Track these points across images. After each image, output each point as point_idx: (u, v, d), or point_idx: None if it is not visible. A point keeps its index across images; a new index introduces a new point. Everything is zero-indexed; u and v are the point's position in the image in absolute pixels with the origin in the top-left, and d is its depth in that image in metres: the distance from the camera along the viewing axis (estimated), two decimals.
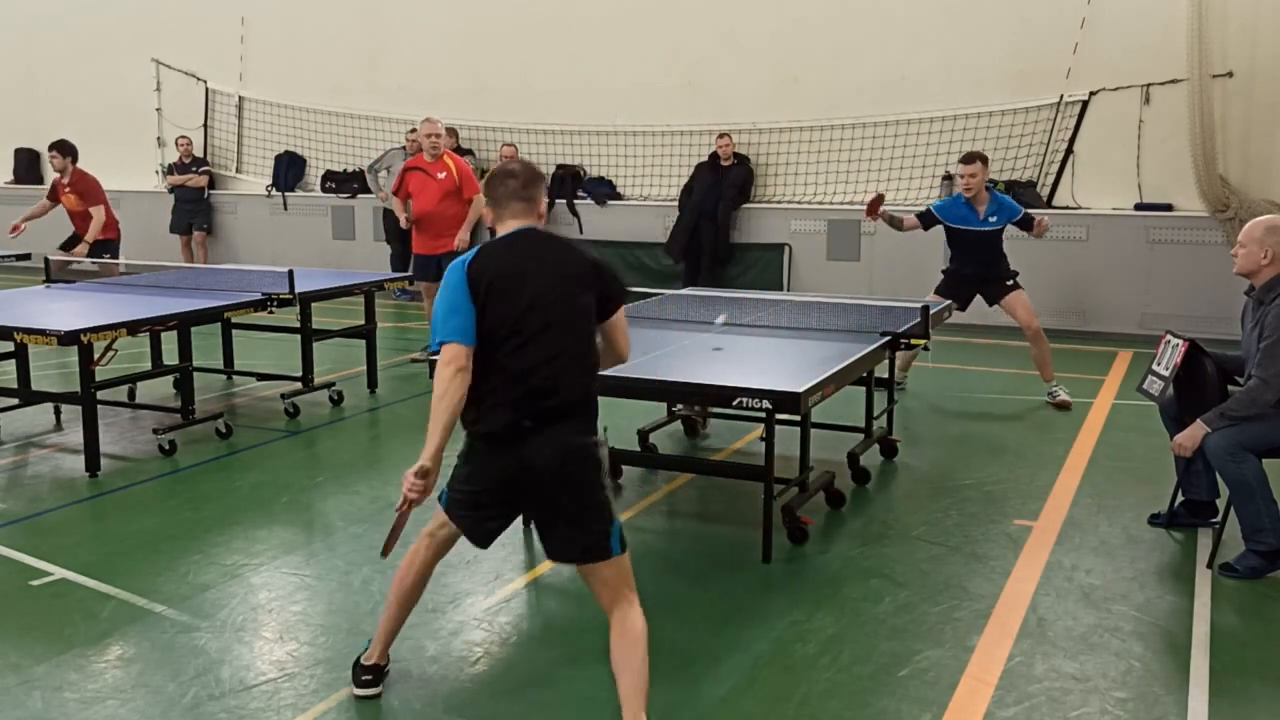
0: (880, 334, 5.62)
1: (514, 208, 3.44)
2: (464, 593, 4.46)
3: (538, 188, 3.49)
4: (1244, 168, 10.17)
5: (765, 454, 4.81)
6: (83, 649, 3.95)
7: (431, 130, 8.74)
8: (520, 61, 12.93)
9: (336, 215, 13.90)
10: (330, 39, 13.86)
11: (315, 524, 5.37)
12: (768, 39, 11.87)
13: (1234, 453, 4.57)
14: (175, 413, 6.75)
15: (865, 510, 5.54)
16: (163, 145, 15.03)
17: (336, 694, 3.63)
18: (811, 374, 4.64)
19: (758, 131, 11.99)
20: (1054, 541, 5.03)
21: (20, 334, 5.89)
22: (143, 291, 7.40)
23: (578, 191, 12.77)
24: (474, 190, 8.64)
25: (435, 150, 8.70)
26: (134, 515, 5.46)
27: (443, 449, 3.29)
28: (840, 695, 3.63)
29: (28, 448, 6.63)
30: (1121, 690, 3.67)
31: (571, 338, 3.32)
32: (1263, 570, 4.59)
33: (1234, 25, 10.07)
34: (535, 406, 3.26)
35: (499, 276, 3.30)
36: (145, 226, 14.10)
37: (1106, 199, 10.74)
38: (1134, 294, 10.51)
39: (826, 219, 11.63)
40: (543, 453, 3.25)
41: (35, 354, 7.43)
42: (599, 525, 3.29)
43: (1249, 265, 4.72)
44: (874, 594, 4.45)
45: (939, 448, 6.63)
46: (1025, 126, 10.96)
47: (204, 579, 4.59)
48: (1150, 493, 5.59)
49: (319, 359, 7.81)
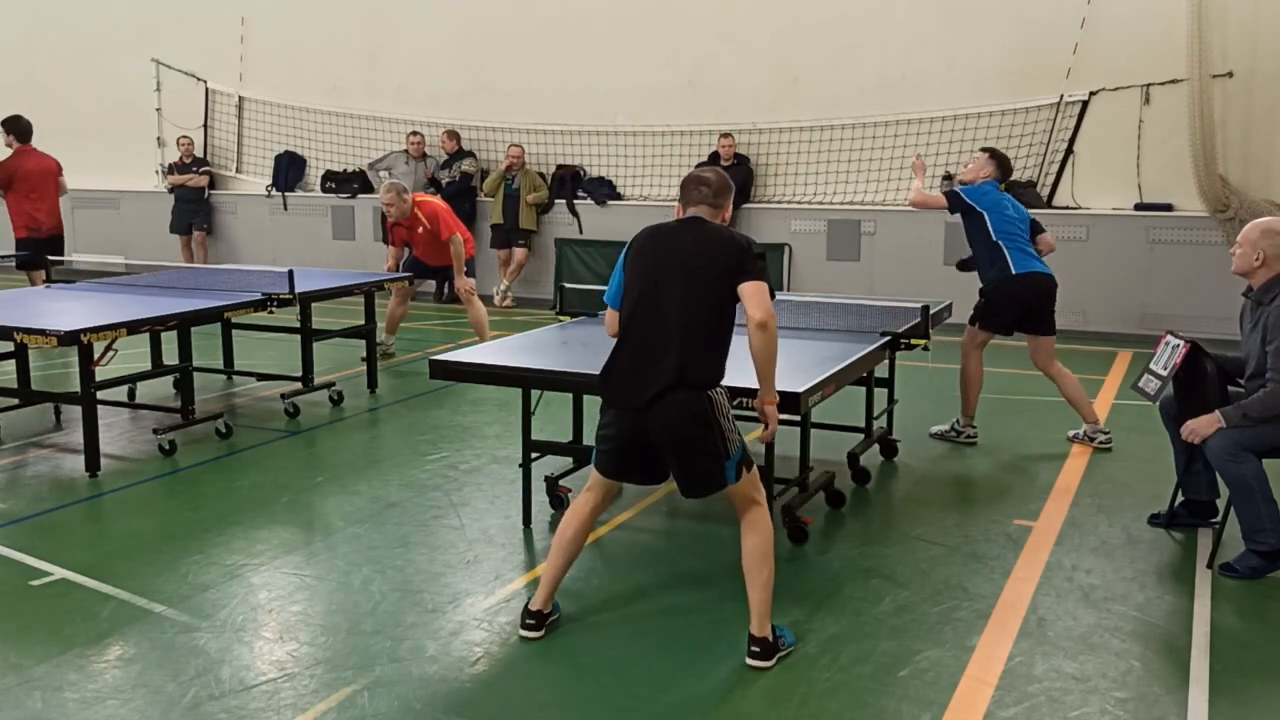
0: (880, 334, 5.62)
1: (700, 209, 3.93)
2: (464, 593, 4.46)
3: (726, 197, 3.96)
4: (1244, 168, 10.17)
5: (765, 454, 4.81)
6: (83, 649, 3.95)
7: (384, 200, 8.92)
8: (520, 61, 12.93)
9: (336, 215, 13.90)
10: (330, 39, 13.86)
11: (315, 524, 5.37)
12: (768, 39, 11.87)
13: (1234, 453, 4.57)
14: (175, 413, 6.75)
15: (865, 510, 5.54)
16: (163, 145, 15.03)
17: (336, 694, 3.63)
18: (811, 374, 4.64)
19: (758, 131, 12.00)
20: (1054, 541, 5.03)
21: (20, 334, 5.89)
22: (143, 291, 7.40)
23: (578, 191, 12.77)
24: (449, 232, 8.89)
25: (400, 213, 8.87)
26: (134, 515, 5.47)
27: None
28: (840, 695, 3.63)
29: (28, 448, 6.63)
30: (1121, 690, 3.67)
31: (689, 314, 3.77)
32: (1263, 570, 4.59)
33: (1234, 25, 10.08)
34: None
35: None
36: (145, 226, 14.13)
37: (1106, 199, 10.75)
38: (1134, 294, 10.51)
39: (826, 219, 11.64)
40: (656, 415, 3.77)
41: (35, 354, 7.43)
42: (713, 464, 3.78)
43: (1243, 266, 4.75)
44: (874, 594, 4.46)
45: (939, 448, 6.63)
46: (1025, 126, 10.96)
47: (204, 579, 4.59)
48: (1150, 493, 5.59)
49: (319, 359, 7.81)
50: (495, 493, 5.72)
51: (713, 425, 3.75)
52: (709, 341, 3.78)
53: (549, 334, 5.86)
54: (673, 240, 3.89)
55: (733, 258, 3.77)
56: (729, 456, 3.79)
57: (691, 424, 3.74)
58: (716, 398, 3.78)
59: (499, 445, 6.60)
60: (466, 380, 5.26)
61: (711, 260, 3.78)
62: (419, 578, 4.61)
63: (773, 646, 3.83)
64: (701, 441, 3.76)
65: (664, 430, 3.78)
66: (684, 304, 3.76)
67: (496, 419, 7.20)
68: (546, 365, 5.03)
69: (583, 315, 6.16)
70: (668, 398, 3.73)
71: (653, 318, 3.80)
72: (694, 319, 3.76)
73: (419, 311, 11.33)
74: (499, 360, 5.06)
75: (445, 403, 7.69)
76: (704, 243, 3.83)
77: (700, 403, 3.74)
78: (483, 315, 9.05)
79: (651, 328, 3.80)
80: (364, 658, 3.88)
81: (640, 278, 3.87)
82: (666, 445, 3.82)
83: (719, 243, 3.82)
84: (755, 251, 3.80)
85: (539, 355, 5.31)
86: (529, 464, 5.27)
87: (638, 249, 3.95)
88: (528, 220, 12.60)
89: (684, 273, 3.78)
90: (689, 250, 3.82)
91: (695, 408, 3.74)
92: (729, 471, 3.80)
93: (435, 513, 5.43)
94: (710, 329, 3.79)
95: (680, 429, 3.76)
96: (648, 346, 3.79)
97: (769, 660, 3.81)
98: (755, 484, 3.92)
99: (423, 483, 5.91)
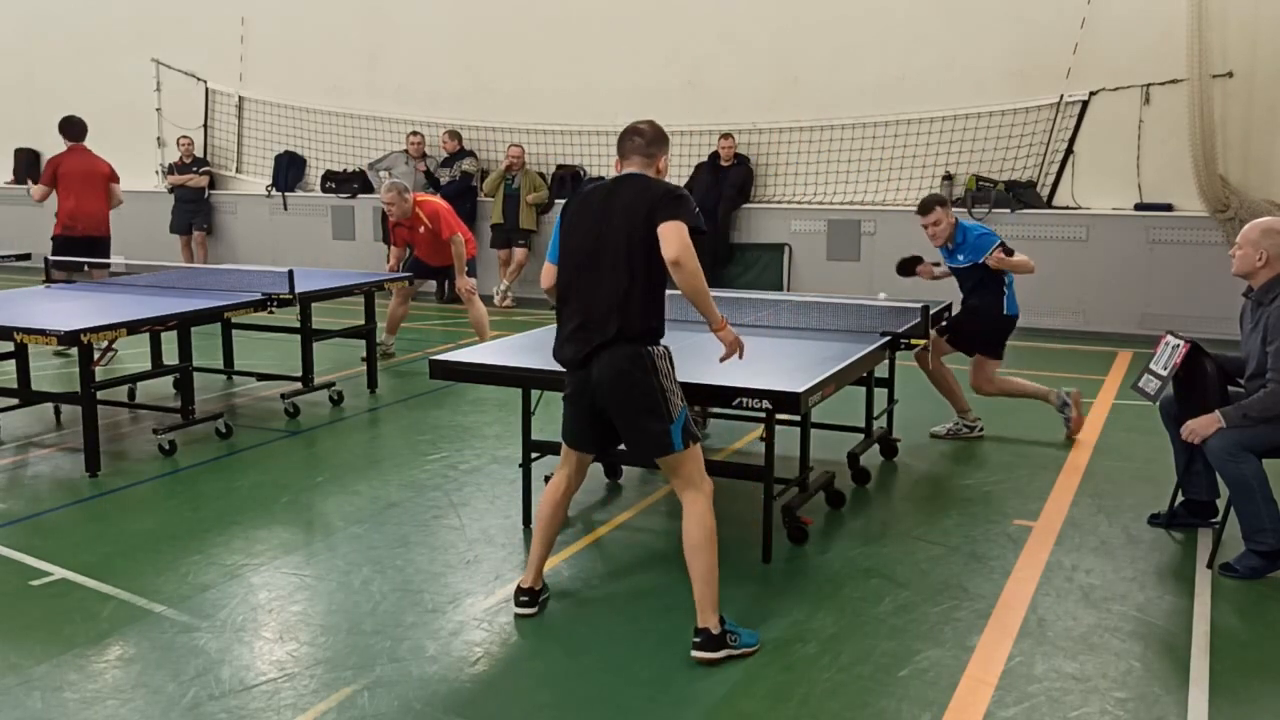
0: (880, 334, 5.62)
1: (633, 159, 3.98)
2: (464, 593, 4.46)
3: (660, 146, 4.01)
4: (1244, 168, 10.18)
5: (765, 454, 4.82)
6: (83, 649, 3.95)
7: (385, 200, 8.95)
8: (520, 61, 12.93)
9: (336, 215, 13.90)
10: (330, 39, 13.86)
11: (315, 524, 5.37)
12: (768, 39, 11.88)
13: (1234, 453, 4.57)
14: (175, 413, 6.75)
15: (865, 510, 5.54)
16: (163, 145, 15.04)
17: (336, 694, 3.63)
18: (811, 374, 4.64)
19: (758, 131, 12.00)
20: (1054, 541, 5.03)
21: (20, 334, 5.89)
22: (143, 291, 7.40)
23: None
24: (450, 232, 8.90)
25: (401, 213, 8.88)
26: (134, 515, 5.47)
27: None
28: (840, 695, 3.63)
29: (28, 448, 6.63)
30: (1121, 690, 3.67)
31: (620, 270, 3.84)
32: (1263, 570, 4.59)
33: (1234, 25, 10.08)
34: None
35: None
36: (145, 226, 14.11)
37: (1106, 199, 10.75)
38: (1134, 294, 10.51)
39: (826, 219, 11.64)
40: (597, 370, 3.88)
41: (35, 354, 7.43)
42: (656, 423, 3.82)
43: (1245, 267, 4.73)
44: (874, 594, 4.46)
45: (939, 448, 6.63)
46: (1025, 126, 10.97)
47: (204, 579, 4.59)
48: (1150, 493, 5.59)
49: (319, 359, 7.82)
50: (495, 493, 5.72)
51: (650, 382, 3.82)
52: (644, 292, 3.85)
53: (549, 334, 5.81)
54: (605, 199, 3.97)
55: (653, 203, 3.82)
56: (672, 419, 3.84)
57: (628, 380, 3.83)
58: (654, 356, 3.85)
59: (499, 445, 6.60)
60: (466, 380, 5.26)
61: (636, 210, 3.84)
62: (419, 578, 4.61)
63: (718, 639, 3.81)
64: (641, 398, 3.83)
65: (604, 385, 3.87)
66: (615, 258, 3.84)
67: (496, 419, 7.20)
68: (546, 365, 5.00)
69: None
70: (605, 353, 3.84)
71: (589, 277, 3.90)
72: (627, 273, 3.83)
73: (419, 311, 11.33)
74: (499, 360, 5.06)
75: (445, 403, 7.69)
76: (629, 196, 3.90)
77: (638, 358, 3.83)
78: (483, 315, 9.05)
79: (588, 286, 3.90)
80: (364, 658, 3.88)
81: (575, 238, 3.99)
82: (609, 403, 3.91)
83: (642, 192, 3.88)
84: (675, 194, 3.85)
85: (539, 355, 5.29)
86: (529, 464, 5.27)
87: (572, 212, 4.06)
88: (528, 220, 12.61)
89: (616, 226, 3.87)
90: (618, 205, 3.90)
91: (633, 362, 3.82)
92: (674, 435, 3.84)
93: (435, 513, 5.43)
94: (643, 280, 3.84)
95: (618, 384, 3.85)
96: (586, 305, 3.90)
97: (713, 652, 3.79)
98: (698, 463, 3.92)
99: (423, 483, 5.92)
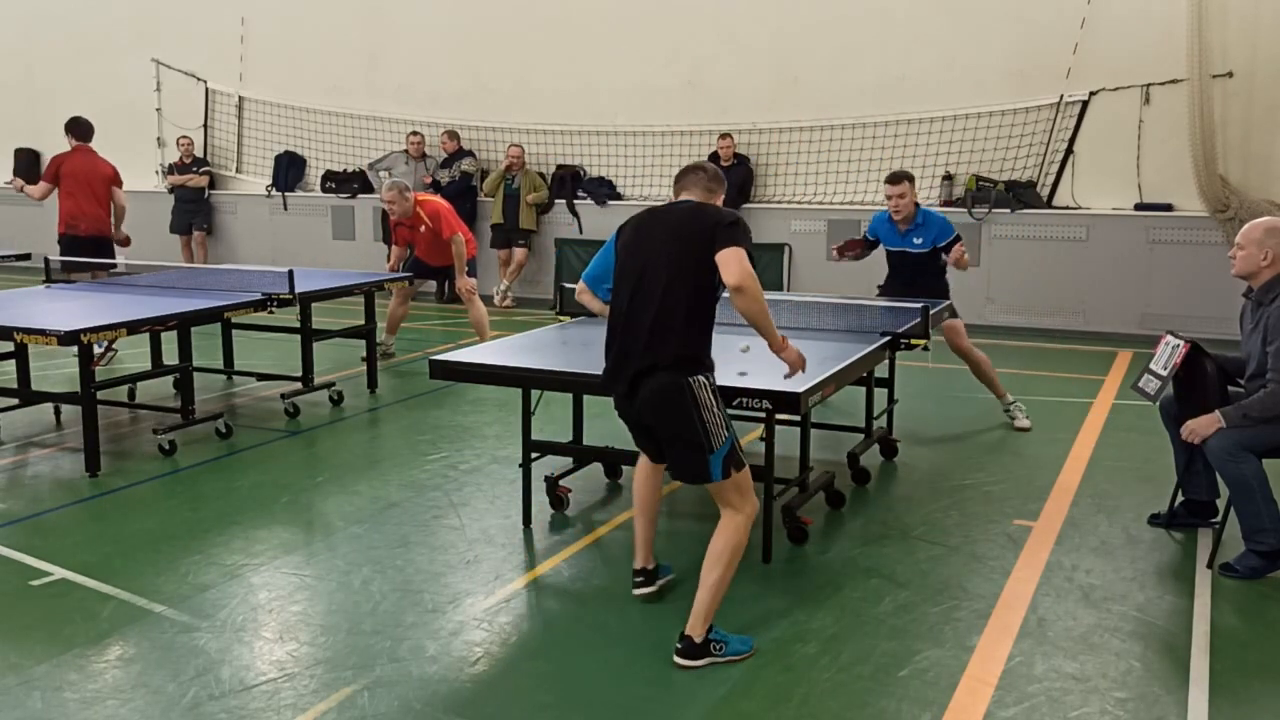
0: (880, 334, 5.62)
1: (694, 190, 4.03)
2: (464, 593, 4.46)
3: (719, 184, 4.07)
4: (1244, 168, 10.18)
5: (765, 454, 4.82)
6: (83, 649, 3.95)
7: (386, 199, 8.94)
8: (520, 61, 12.93)
9: (336, 215, 13.90)
10: (330, 39, 13.86)
11: (315, 524, 5.37)
12: (768, 39, 11.87)
13: (1234, 453, 4.57)
14: (175, 413, 6.75)
15: (865, 510, 5.54)
16: (163, 145, 15.04)
17: (336, 694, 3.63)
18: (811, 374, 4.64)
19: (758, 131, 12.00)
20: (1054, 541, 5.03)
21: (20, 334, 5.89)
22: (143, 291, 7.40)
23: (578, 191, 12.77)
24: (451, 231, 8.88)
25: (402, 212, 8.86)
26: (134, 515, 5.47)
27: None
28: (840, 695, 3.63)
29: (28, 448, 6.63)
30: (1121, 690, 3.67)
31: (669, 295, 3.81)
32: (1263, 570, 4.59)
33: (1234, 25, 10.08)
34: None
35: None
36: (145, 226, 14.05)
37: (1106, 199, 10.75)
38: (1134, 294, 10.51)
39: (826, 219, 11.64)
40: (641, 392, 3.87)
41: (35, 354, 7.43)
42: (695, 454, 3.79)
43: (1248, 267, 4.71)
44: (874, 594, 4.46)
45: (939, 448, 6.63)
46: (1025, 126, 10.97)
47: (204, 579, 4.59)
48: (1150, 493, 5.59)
49: (319, 359, 7.82)
50: (495, 493, 5.72)
51: (690, 415, 3.74)
52: (689, 317, 3.78)
53: (549, 334, 5.85)
54: (660, 220, 3.95)
55: (708, 229, 3.78)
56: (713, 450, 3.77)
57: (669, 410, 3.78)
58: (695, 388, 3.75)
59: (499, 445, 6.60)
60: (466, 380, 5.25)
61: (690, 234, 3.81)
62: (419, 578, 4.61)
63: (701, 647, 3.79)
64: (682, 430, 3.78)
65: (647, 415, 3.88)
66: (666, 283, 3.79)
67: (496, 419, 7.20)
68: (546, 365, 5.03)
69: (583, 315, 6.15)
70: (647, 382, 3.80)
71: (639, 301, 3.84)
72: (675, 297, 3.78)
73: (419, 311, 11.33)
74: (499, 360, 5.05)
75: (445, 403, 7.69)
76: (684, 218, 3.89)
77: (678, 390, 3.75)
78: (483, 315, 9.05)
79: (637, 311, 3.84)
80: (364, 658, 3.88)
81: (628, 260, 3.96)
82: (654, 429, 3.92)
83: (696, 217, 3.87)
84: (729, 221, 3.80)
85: (539, 355, 5.31)
86: (529, 464, 5.27)
87: (628, 232, 4.05)
88: (528, 220, 12.61)
89: (665, 251, 3.83)
90: (672, 227, 3.88)
91: (672, 394, 3.76)
92: (714, 466, 3.79)
93: (435, 513, 5.43)
94: (690, 304, 3.78)
95: (660, 415, 3.83)
96: (633, 332, 3.85)
97: (693, 660, 3.78)
98: (742, 490, 3.87)
99: (423, 483, 5.92)
